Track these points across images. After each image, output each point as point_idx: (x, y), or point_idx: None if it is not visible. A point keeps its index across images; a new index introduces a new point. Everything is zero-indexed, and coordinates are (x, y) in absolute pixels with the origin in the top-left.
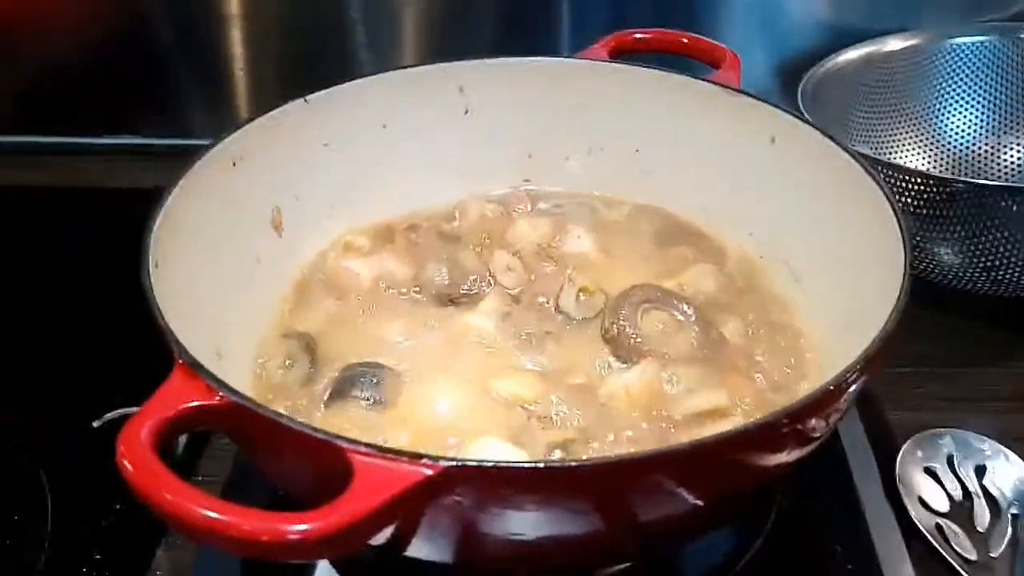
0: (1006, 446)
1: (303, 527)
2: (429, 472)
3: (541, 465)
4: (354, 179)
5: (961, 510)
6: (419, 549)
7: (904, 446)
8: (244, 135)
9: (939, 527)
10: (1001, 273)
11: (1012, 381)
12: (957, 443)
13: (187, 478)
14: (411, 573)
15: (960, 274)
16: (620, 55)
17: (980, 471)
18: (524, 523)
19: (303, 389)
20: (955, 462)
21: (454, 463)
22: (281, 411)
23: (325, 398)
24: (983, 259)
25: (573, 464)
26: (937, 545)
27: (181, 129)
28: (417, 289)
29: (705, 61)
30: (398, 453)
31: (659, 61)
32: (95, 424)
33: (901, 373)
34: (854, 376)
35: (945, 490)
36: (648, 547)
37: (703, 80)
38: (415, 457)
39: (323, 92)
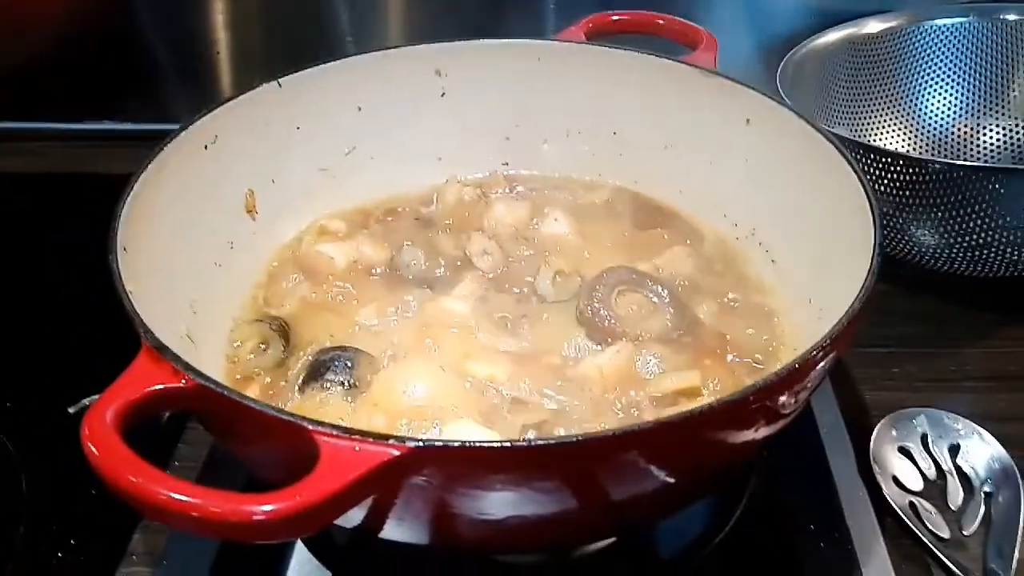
0: (980, 425)
1: (268, 507)
2: (396, 452)
3: (507, 444)
4: (329, 162)
5: (935, 489)
6: (393, 531)
7: (878, 425)
8: (215, 118)
9: (912, 505)
10: (980, 253)
11: (989, 361)
12: (931, 422)
13: (164, 462)
14: (388, 556)
15: (939, 255)
16: (598, 36)
17: (954, 450)
18: (496, 503)
19: (277, 373)
20: (929, 441)
21: (420, 443)
22: (252, 395)
23: (299, 383)
24: (962, 240)
25: (539, 443)
26: (910, 523)
27: (163, 113)
28: (394, 272)
29: (682, 42)
30: (363, 434)
31: (638, 42)
32: (71, 410)
33: (879, 354)
34: (819, 355)
35: (919, 469)
36: (621, 523)
37: (678, 62)
38: (381, 438)
39: (296, 74)
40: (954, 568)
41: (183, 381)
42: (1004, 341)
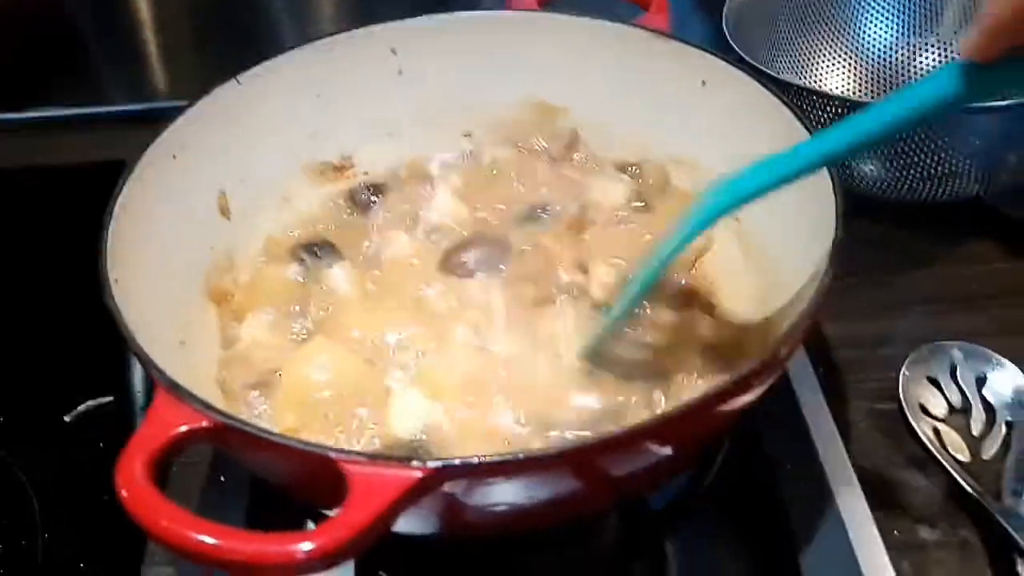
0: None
1: (310, 546)
2: (419, 474)
3: (522, 456)
4: (295, 153)
5: (959, 416)
6: (406, 528)
7: (910, 355)
8: (180, 126)
9: (936, 431)
10: (920, 183)
11: (937, 284)
12: (963, 354)
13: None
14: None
15: (882, 185)
16: (551, 2)
17: (980, 381)
18: (506, 501)
19: None
20: (957, 372)
21: (440, 463)
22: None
23: None
24: (903, 171)
25: (552, 452)
26: (931, 447)
27: (94, 97)
28: None
29: (633, 2)
30: (387, 459)
31: (592, 5)
32: (67, 419)
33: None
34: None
35: (945, 398)
36: (625, 496)
37: (632, 25)
38: (404, 460)
39: (253, 70)
40: (968, 488)
41: (205, 422)
42: (948, 264)
